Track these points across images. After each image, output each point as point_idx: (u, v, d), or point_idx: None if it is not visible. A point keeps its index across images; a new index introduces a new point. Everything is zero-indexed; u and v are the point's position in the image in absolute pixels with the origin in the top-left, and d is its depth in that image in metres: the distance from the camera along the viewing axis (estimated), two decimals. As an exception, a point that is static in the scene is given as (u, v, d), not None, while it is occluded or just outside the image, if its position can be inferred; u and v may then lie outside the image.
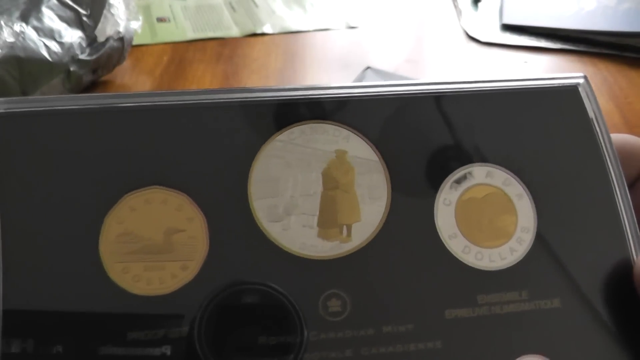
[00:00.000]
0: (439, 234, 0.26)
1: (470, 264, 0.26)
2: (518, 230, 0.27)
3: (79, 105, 0.26)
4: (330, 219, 0.26)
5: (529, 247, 0.26)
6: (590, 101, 0.29)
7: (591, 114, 0.29)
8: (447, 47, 0.71)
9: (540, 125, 0.28)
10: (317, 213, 0.26)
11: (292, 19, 0.52)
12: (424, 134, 0.27)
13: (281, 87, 0.27)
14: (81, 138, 0.25)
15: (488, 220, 0.27)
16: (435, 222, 0.26)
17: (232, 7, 0.52)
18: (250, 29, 0.51)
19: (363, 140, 0.27)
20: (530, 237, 0.27)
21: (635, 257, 0.27)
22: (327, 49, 0.64)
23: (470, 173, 0.27)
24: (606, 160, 0.28)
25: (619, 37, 0.54)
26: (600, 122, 0.28)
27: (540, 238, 0.27)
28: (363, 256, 0.25)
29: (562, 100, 0.29)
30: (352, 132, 0.27)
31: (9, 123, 0.25)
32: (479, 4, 0.61)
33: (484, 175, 0.27)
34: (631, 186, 0.29)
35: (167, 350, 0.24)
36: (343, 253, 0.25)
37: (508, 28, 0.58)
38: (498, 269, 0.26)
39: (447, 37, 0.67)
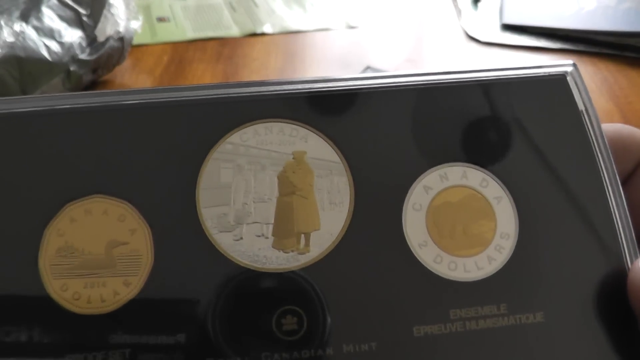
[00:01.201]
0: (408, 242, 0.24)
1: (442, 275, 0.23)
2: (497, 237, 0.24)
3: (15, 109, 0.24)
4: (286, 228, 0.24)
5: (509, 256, 0.24)
6: (579, 91, 0.26)
7: (581, 106, 0.26)
8: (447, 46, 0.70)
9: (524, 119, 0.25)
10: (272, 221, 0.24)
11: (292, 19, 0.52)
12: (392, 132, 0.25)
13: (232, 83, 0.25)
14: (18, 143, 0.24)
15: (463, 227, 0.24)
16: (404, 229, 0.24)
17: (232, 7, 0.52)
18: (250, 29, 0.51)
19: (323, 139, 0.24)
20: (510, 244, 0.24)
21: (629, 263, 0.24)
22: (327, 48, 0.63)
23: (444, 174, 0.25)
24: (597, 156, 0.25)
25: (619, 37, 0.52)
26: (591, 114, 0.25)
27: (521, 245, 0.24)
28: (322, 268, 0.23)
29: (548, 90, 0.26)
30: (311, 131, 0.25)
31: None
32: (479, 4, 0.59)
33: (459, 176, 0.25)
34: (625, 182, 0.26)
35: (106, 374, 0.22)
36: (300, 265, 0.23)
37: (508, 28, 0.56)
38: (473, 280, 0.23)
39: (447, 37, 0.65)
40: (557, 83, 0.26)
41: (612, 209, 0.24)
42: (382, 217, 0.24)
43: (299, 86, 0.25)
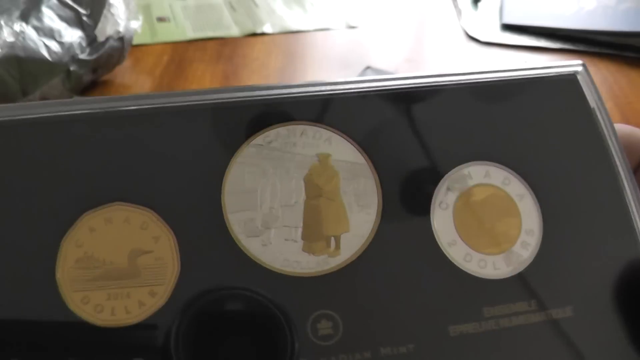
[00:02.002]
0: (438, 241, 0.23)
1: (473, 273, 0.23)
2: (522, 234, 0.24)
3: (26, 115, 0.23)
4: (315, 231, 0.23)
5: (536, 251, 0.24)
6: (590, 90, 0.27)
7: (592, 104, 0.26)
8: (447, 46, 0.70)
9: (539, 117, 0.26)
10: (301, 225, 0.23)
11: (292, 19, 0.52)
12: (415, 132, 0.25)
13: (253, 86, 0.24)
14: (31, 151, 0.22)
15: (489, 225, 0.24)
16: (433, 228, 0.24)
17: (232, 7, 0.52)
18: (250, 29, 0.51)
19: (347, 141, 0.24)
20: (535, 240, 0.24)
21: None
22: (327, 48, 0.63)
23: (468, 173, 0.25)
24: (611, 152, 0.26)
25: (619, 36, 0.53)
26: (602, 112, 0.26)
27: (546, 241, 0.24)
28: (354, 271, 0.23)
29: (560, 90, 0.27)
30: (335, 133, 0.24)
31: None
32: (479, 4, 0.60)
33: (482, 175, 0.25)
34: None
35: (136, 389, 0.21)
36: (332, 268, 0.23)
37: (508, 28, 0.57)
38: (503, 277, 0.24)
39: (447, 37, 0.65)
40: (568, 83, 0.27)
41: (628, 202, 0.25)
42: (411, 217, 0.24)
43: (321, 88, 0.24)
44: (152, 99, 0.23)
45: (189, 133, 0.23)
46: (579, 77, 0.27)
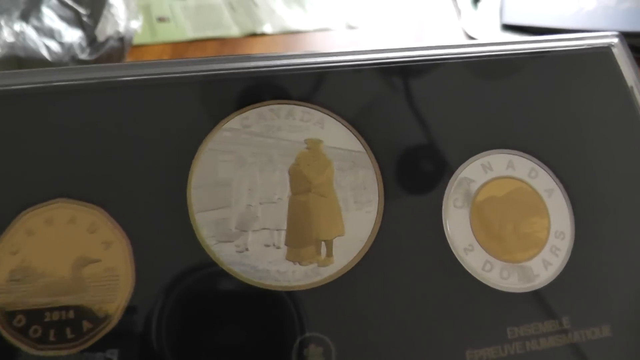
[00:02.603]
0: (451, 246, 0.19)
1: (493, 286, 0.19)
2: (551, 237, 0.20)
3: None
4: (302, 235, 0.19)
5: (567, 259, 0.20)
6: (627, 66, 0.22)
7: (630, 82, 0.22)
8: None
9: (569, 98, 0.22)
10: (285, 227, 0.19)
11: (292, 19, 0.52)
12: (423, 114, 0.20)
13: (227, 57, 0.20)
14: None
15: (513, 226, 0.20)
16: (445, 231, 0.20)
17: (232, 7, 0.51)
18: (250, 29, 0.50)
19: (343, 125, 0.20)
20: (567, 244, 0.20)
21: None
22: (327, 48, 0.59)
23: (487, 163, 0.20)
24: None
25: None
26: (642, 90, 0.22)
27: (579, 245, 0.20)
28: (350, 283, 0.19)
29: (593, 66, 0.22)
30: (328, 115, 0.20)
31: None
32: (479, 4, 0.57)
33: (505, 166, 0.21)
34: None
35: None
36: (322, 280, 0.19)
37: (508, 28, 0.54)
38: (530, 290, 0.19)
39: (447, 37, 0.62)
40: (602, 57, 0.22)
41: None
42: (419, 218, 0.19)
43: (312, 60, 0.20)
44: (102, 72, 0.19)
45: (149, 114, 0.19)
46: (614, 50, 0.23)
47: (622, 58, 0.22)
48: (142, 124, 0.19)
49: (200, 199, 0.19)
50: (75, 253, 0.18)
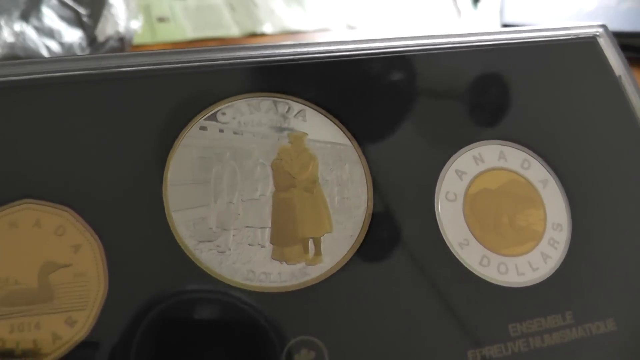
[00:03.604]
0: (447, 241, 0.18)
1: (492, 281, 0.18)
2: (549, 229, 0.19)
3: None
4: (288, 232, 0.18)
5: (565, 251, 0.19)
6: (614, 56, 0.22)
7: (618, 71, 0.22)
8: None
9: (557, 87, 0.21)
10: (269, 225, 0.18)
11: (292, 19, 0.52)
12: (411, 104, 0.20)
13: (204, 48, 0.19)
14: None
15: (508, 219, 0.19)
16: (439, 225, 0.18)
17: (232, 7, 0.51)
18: (250, 29, 0.51)
19: (326, 117, 0.19)
20: (565, 236, 0.19)
21: None
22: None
23: (478, 155, 0.20)
24: None
25: (619, 37, 0.51)
26: (629, 80, 0.22)
27: (577, 237, 0.19)
28: (341, 282, 0.17)
29: (580, 55, 0.22)
30: (310, 107, 0.19)
31: None
32: (479, 4, 0.58)
33: (496, 157, 0.20)
34: None
35: None
36: (312, 280, 0.17)
37: (508, 27, 0.55)
38: (530, 284, 0.18)
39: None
40: (588, 46, 0.22)
41: None
42: (412, 212, 0.18)
43: (293, 50, 0.19)
44: (72, 63, 0.18)
45: (120, 108, 0.18)
46: (600, 40, 0.22)
47: (608, 48, 0.22)
48: (112, 120, 0.18)
49: (176, 197, 0.17)
50: (42, 258, 0.16)
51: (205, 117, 0.18)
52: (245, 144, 0.18)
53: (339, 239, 0.18)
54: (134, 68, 0.18)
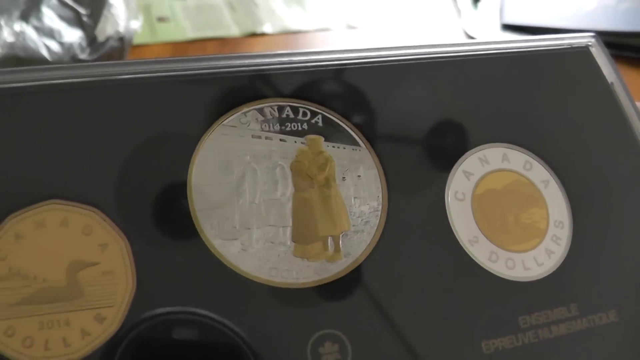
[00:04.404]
0: (457, 238, 0.19)
1: (501, 275, 0.19)
2: (551, 226, 0.20)
3: None
4: (308, 231, 0.18)
5: (568, 247, 0.20)
6: (606, 64, 0.23)
7: (610, 79, 0.23)
8: None
9: (554, 93, 0.22)
10: (290, 223, 0.18)
11: (292, 19, 0.52)
12: (421, 110, 0.21)
13: (225, 55, 0.20)
14: None
15: (514, 217, 0.20)
16: (451, 223, 0.19)
17: (232, 7, 0.51)
18: (250, 29, 0.51)
19: (342, 122, 0.20)
20: (566, 233, 0.20)
21: None
22: (327, 48, 0.59)
23: (483, 157, 0.21)
24: (636, 130, 0.22)
25: (619, 36, 0.52)
26: (621, 87, 0.23)
27: (578, 233, 0.20)
28: (360, 278, 0.18)
29: (573, 64, 0.23)
30: (327, 113, 0.20)
31: None
32: (479, 4, 0.58)
33: (500, 159, 0.21)
34: None
35: None
36: (332, 276, 0.18)
37: (508, 28, 0.55)
38: (536, 278, 0.19)
39: (447, 37, 0.63)
40: (581, 56, 0.23)
41: None
42: (424, 211, 0.19)
43: (309, 58, 0.20)
44: (97, 69, 0.18)
45: (145, 111, 0.18)
46: (592, 49, 0.24)
47: (600, 56, 0.23)
48: (137, 122, 0.18)
49: (201, 197, 0.18)
50: (70, 257, 0.17)
51: (226, 121, 0.19)
52: (264, 147, 0.19)
53: (357, 236, 0.19)
54: (159, 74, 0.19)
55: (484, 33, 0.49)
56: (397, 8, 0.58)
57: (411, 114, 0.20)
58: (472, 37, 0.49)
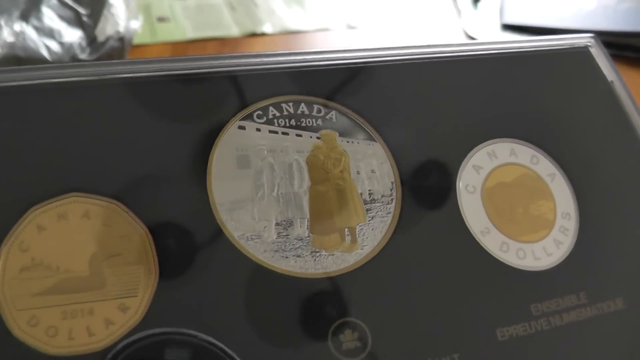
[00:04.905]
0: (469, 229, 0.20)
1: (513, 265, 0.20)
2: (559, 218, 0.21)
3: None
4: (326, 223, 0.19)
5: (575, 237, 0.21)
6: (605, 64, 0.24)
7: (610, 77, 0.24)
8: None
9: (557, 91, 0.23)
10: (307, 216, 0.19)
11: (292, 19, 0.52)
12: (431, 107, 0.21)
13: (239, 54, 0.20)
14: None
15: (523, 209, 0.21)
16: (462, 214, 0.20)
17: (232, 7, 0.51)
18: (250, 29, 0.51)
19: (355, 119, 0.20)
20: (573, 224, 0.21)
21: None
22: (327, 48, 0.59)
23: (492, 151, 0.21)
24: (636, 126, 0.23)
25: (619, 36, 0.52)
26: (621, 85, 0.24)
27: (585, 224, 0.21)
28: (377, 268, 0.18)
29: (575, 63, 0.24)
30: (338, 109, 0.20)
31: None
32: (479, 4, 0.58)
33: (507, 154, 0.21)
34: None
35: None
36: (350, 266, 0.18)
37: (508, 28, 0.55)
38: (546, 268, 0.20)
39: (447, 37, 0.63)
40: (581, 56, 0.24)
41: None
42: (436, 203, 0.20)
43: (323, 57, 0.21)
44: (116, 67, 0.19)
45: (164, 107, 0.19)
46: (592, 50, 0.24)
47: (600, 56, 0.24)
48: (156, 118, 0.19)
49: (220, 190, 0.18)
50: (92, 248, 0.17)
51: (243, 117, 0.19)
52: (281, 142, 0.19)
53: (373, 228, 0.19)
54: (177, 72, 0.19)
55: (484, 33, 0.49)
56: (397, 8, 0.59)
57: (422, 110, 0.21)
58: (472, 37, 0.50)
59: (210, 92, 0.19)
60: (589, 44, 0.24)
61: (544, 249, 0.20)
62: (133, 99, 0.19)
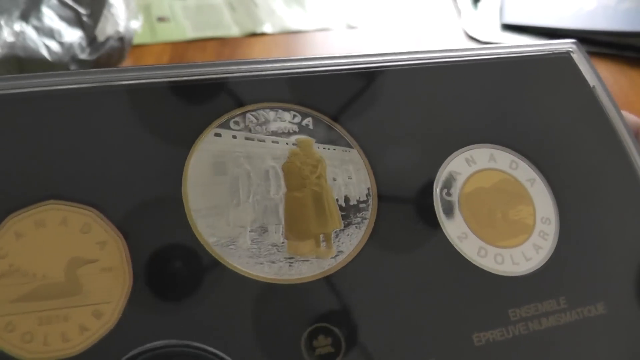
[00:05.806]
0: (446, 235, 0.20)
1: (490, 270, 0.20)
2: (538, 222, 0.21)
3: None
4: (301, 229, 0.19)
5: (555, 242, 0.21)
6: (587, 69, 0.24)
7: (592, 82, 0.24)
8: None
9: (538, 96, 0.23)
10: (283, 222, 0.19)
11: (292, 19, 0.53)
12: (408, 113, 0.21)
13: (218, 62, 0.20)
14: None
15: (501, 214, 0.21)
16: (439, 220, 0.20)
17: (232, 7, 0.52)
18: (250, 29, 0.51)
19: (330, 125, 0.21)
20: (553, 229, 0.21)
21: None
22: (327, 48, 0.60)
23: (470, 157, 0.21)
24: (618, 130, 0.23)
25: (619, 36, 0.52)
26: (603, 90, 0.24)
27: (564, 229, 0.21)
28: (352, 273, 0.19)
29: (556, 68, 0.24)
30: (315, 116, 0.21)
31: None
32: (479, 4, 0.59)
33: (486, 159, 0.21)
34: None
35: None
36: (325, 272, 0.18)
37: (508, 28, 0.55)
38: (525, 272, 0.20)
39: (447, 37, 0.64)
40: (563, 61, 0.24)
41: None
42: (413, 209, 0.20)
43: (299, 64, 0.21)
44: (93, 75, 0.19)
45: (140, 115, 0.19)
46: (573, 55, 0.24)
47: (581, 61, 0.24)
48: (133, 126, 0.19)
49: (196, 197, 0.18)
50: (69, 254, 0.17)
51: (219, 124, 0.20)
52: (257, 149, 0.20)
53: (348, 234, 0.19)
54: (155, 80, 0.19)
55: (484, 33, 0.49)
56: (397, 8, 0.59)
57: (399, 117, 0.21)
58: (472, 37, 0.50)
59: (187, 99, 0.20)
60: (570, 49, 0.24)
61: (523, 253, 0.20)
62: (110, 107, 0.19)
